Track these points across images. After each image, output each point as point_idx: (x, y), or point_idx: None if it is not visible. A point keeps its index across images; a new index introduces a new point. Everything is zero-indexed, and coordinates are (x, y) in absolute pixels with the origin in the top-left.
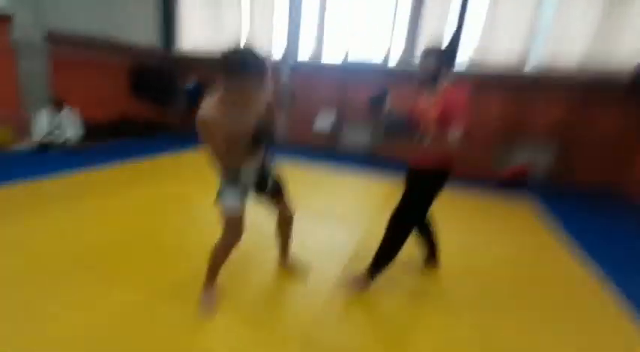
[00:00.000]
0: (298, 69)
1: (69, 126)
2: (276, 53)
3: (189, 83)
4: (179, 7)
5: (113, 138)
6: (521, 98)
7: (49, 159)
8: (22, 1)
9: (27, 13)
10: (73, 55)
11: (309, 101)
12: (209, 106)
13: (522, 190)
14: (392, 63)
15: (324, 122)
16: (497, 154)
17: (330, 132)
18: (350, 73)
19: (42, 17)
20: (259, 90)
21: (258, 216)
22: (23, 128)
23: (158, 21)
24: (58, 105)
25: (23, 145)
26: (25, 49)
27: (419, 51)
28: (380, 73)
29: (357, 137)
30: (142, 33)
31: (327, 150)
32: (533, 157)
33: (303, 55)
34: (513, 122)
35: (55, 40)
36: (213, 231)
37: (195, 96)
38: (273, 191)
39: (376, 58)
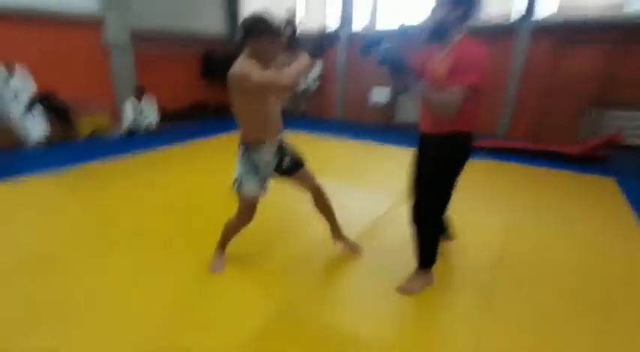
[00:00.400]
0: (354, 41)
1: (149, 113)
2: (331, 26)
3: None
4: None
5: (188, 121)
6: (616, 53)
7: (136, 141)
8: (110, 7)
9: (115, 16)
10: (152, 49)
11: (365, 75)
12: (239, 65)
13: (609, 165)
14: None
15: (379, 95)
16: (584, 122)
17: (387, 105)
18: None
19: (127, 19)
20: (276, 48)
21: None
22: (116, 116)
23: (225, 10)
24: (139, 94)
25: (116, 131)
26: (115, 47)
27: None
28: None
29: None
30: (211, 22)
31: (384, 126)
32: (629, 125)
33: (358, 26)
34: (606, 82)
35: (137, 38)
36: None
37: None
38: (293, 167)
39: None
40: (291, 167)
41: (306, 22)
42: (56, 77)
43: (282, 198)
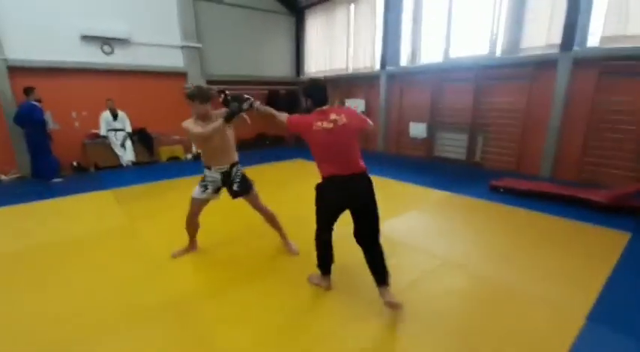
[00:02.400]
0: (396, 76)
1: None
2: (376, 64)
3: None
4: (305, 44)
5: (254, 149)
6: None
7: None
8: (192, 62)
9: (195, 68)
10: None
11: (405, 108)
12: (188, 121)
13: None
14: (498, 53)
15: (417, 130)
16: None
17: (425, 139)
18: (449, 71)
19: (204, 69)
20: (207, 108)
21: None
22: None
23: (291, 57)
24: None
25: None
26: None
27: (527, 35)
28: (483, 67)
29: (453, 144)
30: (278, 67)
31: (423, 160)
32: None
33: (403, 60)
34: None
35: (212, 83)
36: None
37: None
38: (241, 192)
39: (479, 51)
40: (239, 191)
41: (356, 62)
42: (147, 115)
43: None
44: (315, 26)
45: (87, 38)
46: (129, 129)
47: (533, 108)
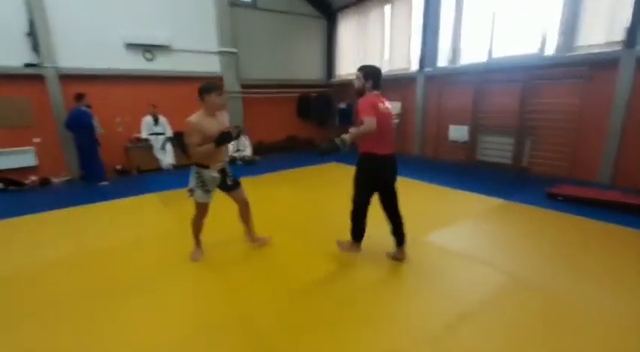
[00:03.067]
0: (435, 77)
1: (246, 147)
2: (413, 65)
3: (343, 104)
4: (337, 47)
5: (284, 153)
6: None
7: (236, 168)
8: (228, 67)
9: (231, 73)
10: (256, 94)
11: (444, 110)
12: (195, 115)
13: None
14: (549, 51)
15: (457, 134)
16: None
17: (467, 143)
18: (494, 72)
19: (239, 74)
20: (220, 104)
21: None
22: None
23: (322, 60)
24: (238, 133)
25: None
26: (230, 95)
27: (585, 31)
28: (532, 67)
29: (497, 147)
30: (310, 70)
31: (464, 164)
32: None
33: (441, 61)
34: None
35: (246, 87)
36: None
37: (347, 115)
38: (233, 185)
39: (527, 50)
40: (232, 185)
41: (391, 63)
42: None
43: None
44: (348, 28)
45: (131, 46)
46: (169, 133)
47: (589, 109)
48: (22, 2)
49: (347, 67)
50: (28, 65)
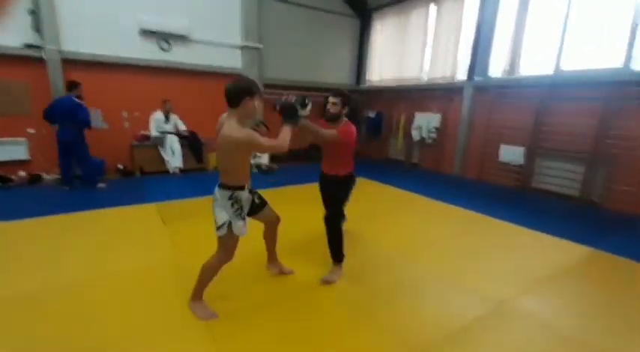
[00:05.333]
0: (486, 88)
1: (263, 155)
2: (459, 73)
3: (371, 113)
4: (370, 50)
5: (306, 161)
6: None
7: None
8: (251, 63)
9: (253, 70)
10: (280, 97)
11: (496, 127)
12: (248, 130)
13: None
14: (637, 66)
15: (510, 154)
16: None
17: (521, 166)
18: (563, 87)
19: (262, 72)
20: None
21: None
22: None
23: (352, 63)
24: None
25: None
26: None
27: None
28: (616, 83)
29: (562, 175)
30: (338, 74)
31: (515, 191)
32: None
33: (495, 70)
34: None
35: (268, 87)
36: None
37: (376, 125)
38: (261, 204)
39: (607, 64)
40: (260, 204)
41: (433, 71)
42: (199, 118)
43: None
44: (384, 30)
45: (146, 33)
46: (183, 127)
47: None
48: None
49: (380, 72)
50: (28, 46)
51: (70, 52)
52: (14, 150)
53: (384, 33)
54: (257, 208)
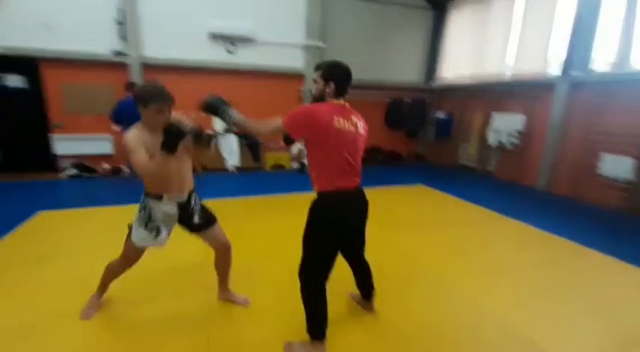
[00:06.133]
0: (586, 85)
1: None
2: (550, 68)
3: (441, 113)
4: (445, 42)
5: (363, 165)
6: None
7: (292, 176)
8: (313, 63)
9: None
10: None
11: (597, 132)
12: (133, 134)
13: None
14: None
15: (619, 165)
16: None
17: (630, 183)
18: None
19: None
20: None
21: None
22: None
23: (422, 59)
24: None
25: (294, 166)
26: (308, 94)
27: None
28: None
29: None
30: (406, 71)
31: (621, 213)
32: None
33: (598, 64)
34: None
35: None
36: None
37: (445, 127)
38: (203, 224)
39: None
40: (202, 224)
41: (518, 65)
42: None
43: None
44: (462, 21)
45: (214, 36)
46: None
47: None
48: None
49: (455, 68)
50: (116, 53)
51: (149, 57)
52: (100, 145)
53: (461, 25)
54: (197, 227)
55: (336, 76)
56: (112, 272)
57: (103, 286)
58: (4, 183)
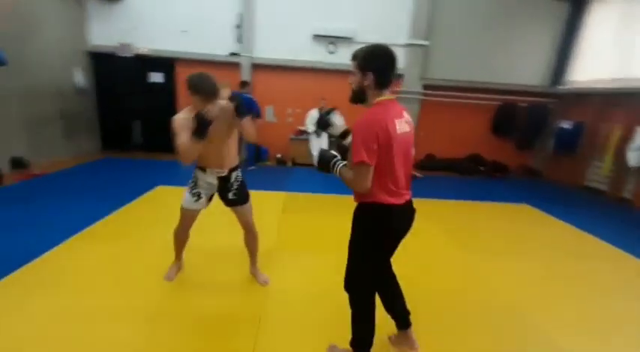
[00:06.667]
0: None
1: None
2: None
3: (566, 123)
4: (581, 39)
5: (459, 175)
6: None
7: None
8: (413, 62)
9: (415, 70)
10: (439, 97)
11: None
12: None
13: None
14: None
15: None
16: None
17: None
18: None
19: (424, 71)
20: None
21: None
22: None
23: (549, 58)
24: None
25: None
26: (407, 96)
27: None
28: None
29: None
30: (524, 72)
31: None
32: None
33: None
34: None
35: (429, 88)
36: None
37: (571, 139)
38: (235, 201)
39: None
40: (234, 200)
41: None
42: (352, 118)
43: None
44: (606, 14)
45: (316, 37)
46: (341, 123)
47: None
48: None
49: (591, 70)
50: (232, 54)
51: (258, 57)
52: None
53: (604, 19)
54: (231, 202)
55: (375, 64)
56: (176, 237)
57: (176, 252)
58: (141, 160)
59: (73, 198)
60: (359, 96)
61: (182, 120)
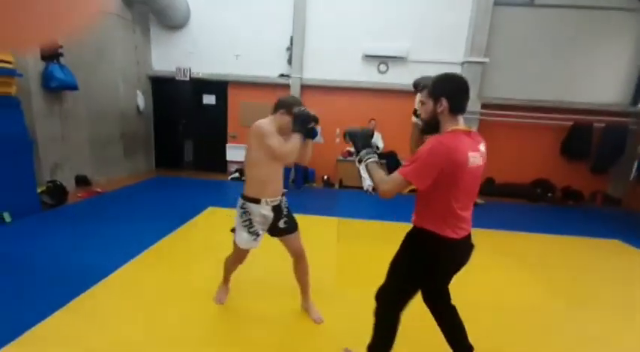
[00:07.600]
0: None
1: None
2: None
3: None
4: None
5: (524, 201)
6: None
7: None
8: (471, 81)
9: (473, 88)
10: (503, 118)
11: None
12: (266, 123)
13: None
14: None
15: None
16: None
17: None
18: None
19: (482, 90)
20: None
21: None
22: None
23: (630, 74)
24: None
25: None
26: (466, 116)
27: None
28: None
29: None
30: (601, 89)
31: None
32: None
33: None
34: None
35: (487, 107)
36: None
37: None
38: (286, 229)
39: None
40: (285, 229)
41: None
42: (399, 139)
43: None
44: None
45: (367, 58)
46: (381, 145)
47: None
48: (290, 20)
49: None
50: (281, 75)
51: (307, 78)
52: None
53: None
54: (281, 232)
55: (448, 89)
56: (227, 267)
57: (225, 277)
58: (191, 178)
59: (131, 219)
60: (432, 126)
61: (269, 125)
